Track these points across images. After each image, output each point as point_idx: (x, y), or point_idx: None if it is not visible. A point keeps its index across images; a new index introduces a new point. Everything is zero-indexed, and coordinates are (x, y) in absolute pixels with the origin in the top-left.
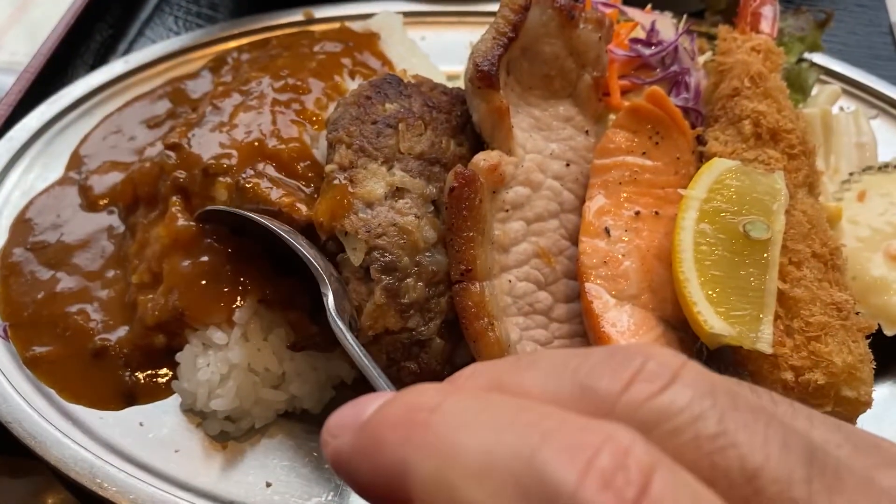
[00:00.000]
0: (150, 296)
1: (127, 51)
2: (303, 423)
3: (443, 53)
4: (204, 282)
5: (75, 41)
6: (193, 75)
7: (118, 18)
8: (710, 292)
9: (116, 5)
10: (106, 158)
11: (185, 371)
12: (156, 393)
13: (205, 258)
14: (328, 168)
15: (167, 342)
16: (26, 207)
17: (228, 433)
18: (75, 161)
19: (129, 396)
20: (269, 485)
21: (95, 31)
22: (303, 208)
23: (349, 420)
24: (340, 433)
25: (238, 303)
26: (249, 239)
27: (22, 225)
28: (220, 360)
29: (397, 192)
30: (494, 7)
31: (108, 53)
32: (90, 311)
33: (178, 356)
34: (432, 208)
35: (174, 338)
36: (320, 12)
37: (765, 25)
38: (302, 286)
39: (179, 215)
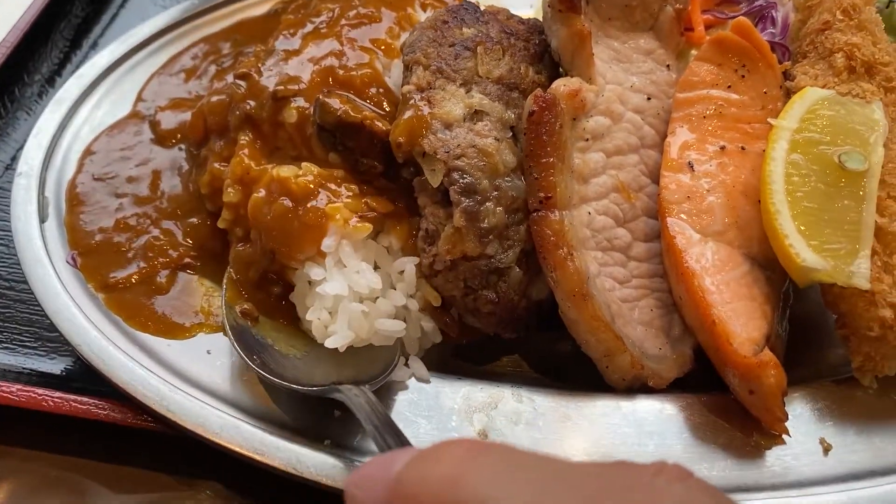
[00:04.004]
0: (247, 246)
1: None
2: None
3: None
4: (284, 217)
5: None
6: (261, 17)
7: None
8: (801, 225)
9: None
10: (174, 96)
11: (301, 314)
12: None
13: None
14: (405, 89)
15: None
16: (95, 140)
17: None
18: (143, 98)
19: None
20: (337, 414)
21: None
22: (381, 125)
23: (378, 474)
24: (369, 487)
25: (324, 230)
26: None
27: (90, 157)
28: (323, 296)
29: (476, 114)
30: None
31: None
32: (162, 240)
33: (291, 296)
34: (511, 134)
35: (282, 277)
36: None
37: None
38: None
39: (248, 149)
